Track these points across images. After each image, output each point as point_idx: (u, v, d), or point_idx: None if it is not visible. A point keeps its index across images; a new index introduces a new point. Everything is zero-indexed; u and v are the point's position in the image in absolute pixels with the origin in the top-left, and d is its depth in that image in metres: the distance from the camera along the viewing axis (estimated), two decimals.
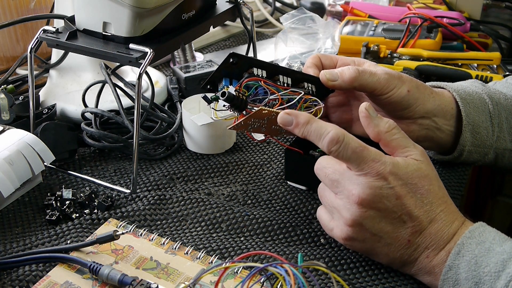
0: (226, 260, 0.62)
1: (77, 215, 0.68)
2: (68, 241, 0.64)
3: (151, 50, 0.70)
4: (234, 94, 0.63)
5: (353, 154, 0.57)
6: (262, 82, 0.65)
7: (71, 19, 0.78)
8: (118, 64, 0.81)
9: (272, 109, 0.64)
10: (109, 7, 0.72)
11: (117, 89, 0.80)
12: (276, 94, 0.65)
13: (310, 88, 0.70)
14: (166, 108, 0.90)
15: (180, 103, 0.86)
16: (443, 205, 0.59)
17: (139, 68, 0.70)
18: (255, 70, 0.66)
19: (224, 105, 0.64)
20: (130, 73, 0.96)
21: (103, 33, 0.74)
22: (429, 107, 0.72)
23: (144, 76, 0.71)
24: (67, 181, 0.76)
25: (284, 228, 0.68)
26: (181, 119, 0.84)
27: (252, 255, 0.63)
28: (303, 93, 0.67)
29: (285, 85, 0.68)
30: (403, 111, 0.71)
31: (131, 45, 0.72)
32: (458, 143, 0.75)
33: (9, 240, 0.65)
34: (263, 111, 0.63)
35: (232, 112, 0.65)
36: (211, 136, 0.81)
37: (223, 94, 0.63)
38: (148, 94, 0.87)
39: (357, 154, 0.57)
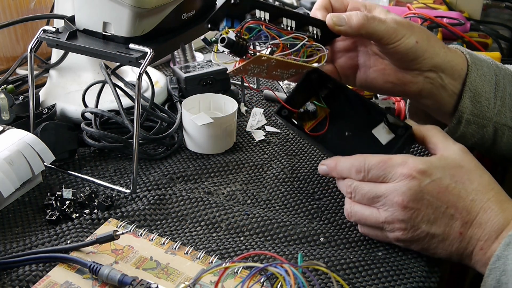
0: (226, 260, 0.62)
1: (77, 215, 0.68)
2: (68, 241, 0.64)
3: (151, 50, 0.70)
4: (234, 39, 0.60)
5: (378, 170, 0.60)
6: (263, 26, 0.62)
7: (71, 19, 0.78)
8: (118, 64, 0.81)
9: (272, 56, 0.62)
10: (109, 7, 0.72)
11: (117, 89, 0.80)
12: (278, 40, 0.63)
13: (315, 32, 0.67)
14: (166, 108, 0.90)
15: (180, 103, 0.86)
16: (491, 192, 0.58)
17: (139, 68, 0.70)
18: (257, 12, 0.63)
19: (223, 50, 0.62)
20: (130, 73, 0.96)
21: (103, 33, 0.74)
22: (438, 61, 0.70)
23: (144, 76, 0.71)
24: (67, 181, 0.76)
25: (284, 228, 0.68)
26: (181, 119, 0.84)
27: (252, 255, 0.63)
28: (306, 38, 0.65)
29: (289, 28, 0.65)
30: (410, 62, 0.69)
31: (131, 45, 0.72)
32: (457, 110, 0.72)
33: (9, 240, 0.65)
34: (262, 58, 0.61)
35: (232, 56, 0.63)
36: (211, 136, 0.81)
37: (223, 40, 0.60)
38: (148, 94, 0.86)
39: (381, 168, 0.60)
